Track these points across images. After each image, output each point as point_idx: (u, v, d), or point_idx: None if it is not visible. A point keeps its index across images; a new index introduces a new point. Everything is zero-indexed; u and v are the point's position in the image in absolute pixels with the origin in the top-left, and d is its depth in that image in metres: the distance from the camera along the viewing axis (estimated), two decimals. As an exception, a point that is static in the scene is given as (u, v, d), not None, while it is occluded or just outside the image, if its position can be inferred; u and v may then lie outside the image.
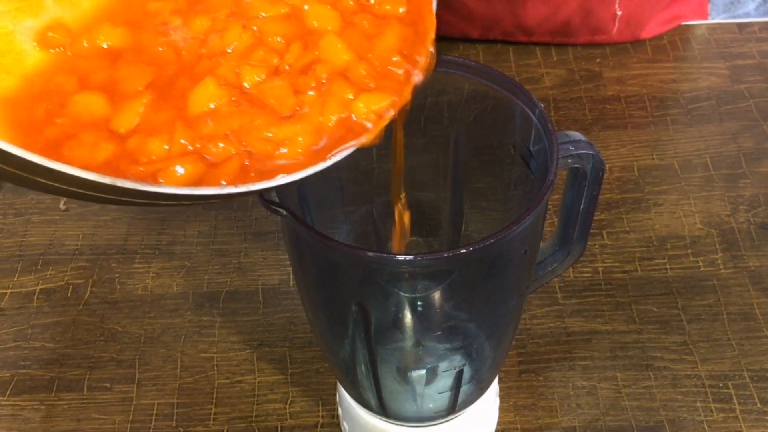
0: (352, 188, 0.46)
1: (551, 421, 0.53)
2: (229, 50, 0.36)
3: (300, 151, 0.33)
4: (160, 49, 0.36)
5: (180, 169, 0.31)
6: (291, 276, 0.61)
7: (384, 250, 0.49)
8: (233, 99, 0.34)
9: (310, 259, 0.39)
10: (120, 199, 0.30)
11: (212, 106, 0.34)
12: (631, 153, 0.68)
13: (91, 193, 0.29)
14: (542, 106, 0.40)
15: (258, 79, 0.35)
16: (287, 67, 0.35)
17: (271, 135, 0.33)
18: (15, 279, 0.62)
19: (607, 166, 0.59)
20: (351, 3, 0.38)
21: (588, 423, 0.52)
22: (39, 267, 0.62)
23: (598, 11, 0.75)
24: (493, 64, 0.75)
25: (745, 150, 0.68)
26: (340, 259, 0.37)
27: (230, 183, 0.32)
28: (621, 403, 0.53)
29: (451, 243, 0.50)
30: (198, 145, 0.32)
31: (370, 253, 0.36)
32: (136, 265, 0.62)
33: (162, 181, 0.31)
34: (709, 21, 0.79)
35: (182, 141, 0.32)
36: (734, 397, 0.53)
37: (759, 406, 0.53)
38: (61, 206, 0.64)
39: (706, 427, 0.52)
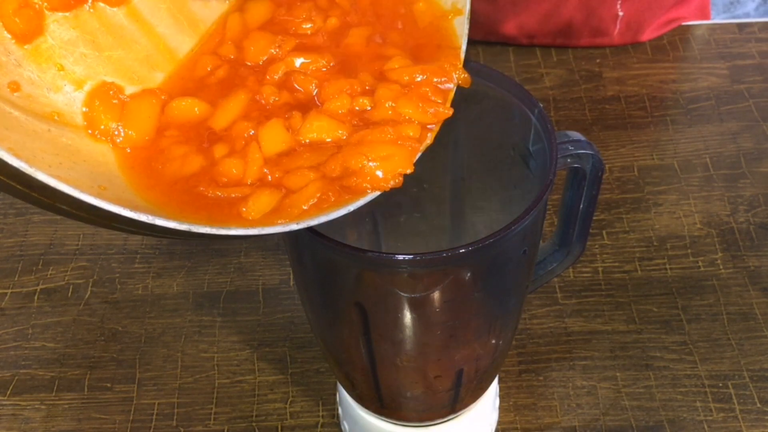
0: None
1: (551, 421, 0.53)
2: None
3: (391, 170, 0.33)
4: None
5: (261, 200, 0.32)
6: (291, 276, 0.61)
7: (384, 250, 0.49)
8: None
9: (310, 259, 0.39)
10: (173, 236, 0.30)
11: (283, 147, 0.34)
12: (630, 153, 0.68)
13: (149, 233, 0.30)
14: (541, 106, 0.40)
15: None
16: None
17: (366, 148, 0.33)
18: (15, 279, 0.62)
19: (606, 166, 0.59)
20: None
21: (588, 423, 0.52)
22: (39, 267, 0.62)
23: (599, 11, 0.75)
24: (493, 64, 0.75)
25: (745, 150, 0.68)
26: (339, 259, 0.37)
27: (310, 209, 0.32)
28: (621, 403, 0.53)
29: (451, 243, 0.50)
30: (277, 175, 0.33)
31: (370, 253, 0.36)
32: (136, 265, 0.62)
33: (245, 209, 0.31)
34: (709, 21, 0.79)
35: (264, 169, 0.33)
36: (734, 397, 0.53)
37: (759, 406, 0.53)
38: None
39: (705, 426, 0.52)
